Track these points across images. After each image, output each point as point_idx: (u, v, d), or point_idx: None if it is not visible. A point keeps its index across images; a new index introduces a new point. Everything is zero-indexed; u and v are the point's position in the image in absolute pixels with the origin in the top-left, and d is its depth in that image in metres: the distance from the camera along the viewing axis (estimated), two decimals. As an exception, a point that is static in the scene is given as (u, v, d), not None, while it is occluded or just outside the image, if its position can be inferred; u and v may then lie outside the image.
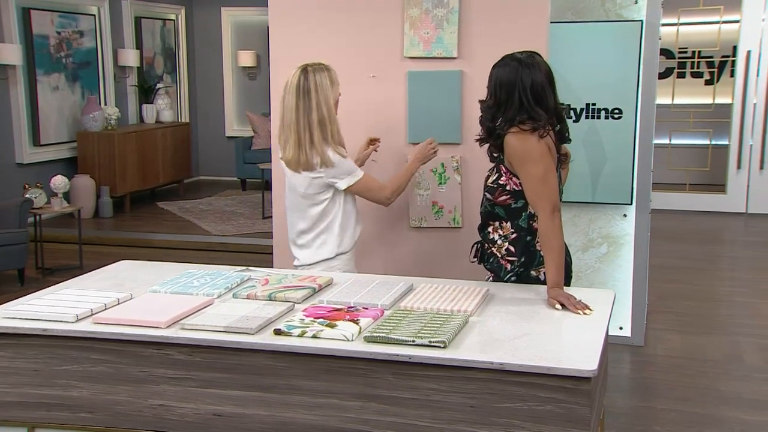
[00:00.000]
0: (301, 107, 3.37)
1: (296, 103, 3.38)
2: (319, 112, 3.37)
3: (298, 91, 3.37)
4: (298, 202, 3.53)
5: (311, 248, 3.54)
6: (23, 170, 8.82)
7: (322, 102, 3.38)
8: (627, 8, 4.94)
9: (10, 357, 2.72)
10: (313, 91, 3.37)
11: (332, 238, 3.52)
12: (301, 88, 3.37)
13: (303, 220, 3.53)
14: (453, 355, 2.39)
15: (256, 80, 11.82)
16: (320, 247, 3.53)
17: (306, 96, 3.37)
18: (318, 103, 3.37)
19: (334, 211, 3.51)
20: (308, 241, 3.55)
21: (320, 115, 3.37)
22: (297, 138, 3.39)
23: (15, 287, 6.55)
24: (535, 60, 3.15)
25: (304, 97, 3.37)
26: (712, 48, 9.62)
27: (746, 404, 4.36)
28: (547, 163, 3.06)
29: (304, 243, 3.56)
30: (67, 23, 9.50)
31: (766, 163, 9.46)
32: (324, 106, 3.38)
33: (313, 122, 3.37)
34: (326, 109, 3.39)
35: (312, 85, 3.37)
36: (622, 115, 4.95)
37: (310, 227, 3.53)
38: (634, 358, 5.03)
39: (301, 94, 3.37)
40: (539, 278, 3.18)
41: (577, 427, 2.32)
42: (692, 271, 7.12)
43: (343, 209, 3.53)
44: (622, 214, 5.10)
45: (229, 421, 2.60)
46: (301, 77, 3.38)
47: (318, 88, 3.37)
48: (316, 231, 3.52)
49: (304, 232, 3.54)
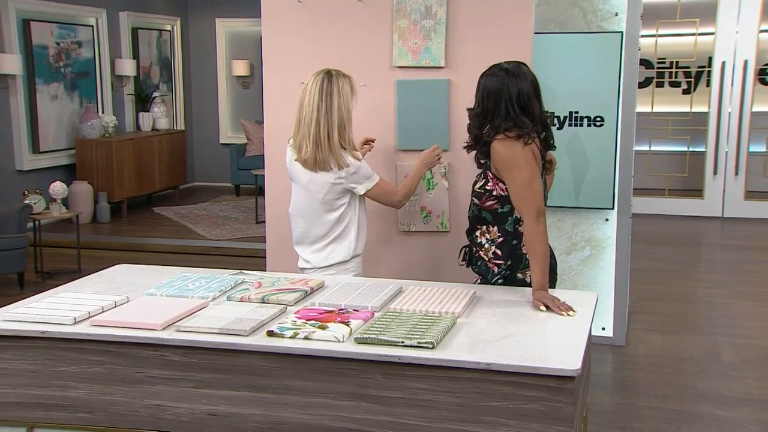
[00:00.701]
0: (323, 108, 3.34)
1: (318, 103, 3.34)
2: (339, 115, 3.35)
3: (321, 92, 3.34)
4: (315, 208, 3.47)
5: (325, 252, 3.50)
6: (23, 177, 8.78)
7: (343, 105, 3.36)
8: (608, 20, 4.95)
9: (9, 358, 2.70)
10: (336, 95, 3.35)
11: (348, 241, 3.50)
12: (325, 90, 3.34)
13: (320, 226, 3.48)
14: (441, 355, 2.39)
15: (249, 89, 11.81)
16: (335, 250, 3.49)
17: (329, 98, 3.34)
18: (339, 106, 3.35)
19: (350, 216, 3.49)
20: (324, 246, 3.50)
21: (340, 118, 3.35)
22: (316, 137, 3.35)
23: (15, 290, 6.51)
24: (522, 70, 3.14)
25: (327, 99, 3.34)
26: (689, 59, 9.66)
27: (722, 401, 4.37)
28: (532, 169, 3.06)
29: (320, 247, 3.51)
30: (66, 34, 9.46)
31: (740, 169, 9.51)
32: (344, 109, 3.37)
33: (333, 123, 3.34)
34: (346, 113, 3.37)
35: (335, 89, 3.35)
36: (604, 122, 4.96)
37: (327, 232, 3.48)
38: (616, 358, 5.04)
39: (323, 95, 3.34)
40: (525, 281, 3.18)
41: (562, 425, 2.32)
42: (671, 273, 7.14)
43: (359, 213, 3.52)
44: (604, 219, 5.11)
45: (224, 420, 2.58)
46: (325, 79, 3.36)
47: (340, 92, 3.35)
48: (332, 236, 3.48)
49: (321, 237, 3.49)
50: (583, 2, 4.97)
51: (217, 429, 2.59)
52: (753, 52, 9.33)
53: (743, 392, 4.49)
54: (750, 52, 9.33)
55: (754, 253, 7.96)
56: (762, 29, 9.30)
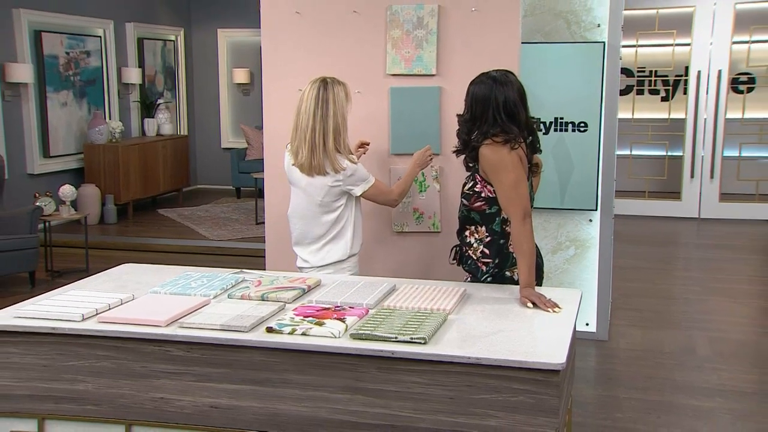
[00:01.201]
0: (318, 115, 3.32)
1: (314, 110, 3.32)
2: (335, 121, 3.33)
3: (318, 99, 3.33)
4: (313, 210, 3.45)
5: (323, 252, 3.48)
6: (34, 180, 8.76)
7: (338, 112, 3.34)
8: (591, 31, 4.96)
9: (21, 353, 2.69)
10: (331, 102, 3.33)
11: (344, 241, 3.48)
12: (321, 98, 3.33)
13: (317, 227, 3.46)
14: (433, 350, 2.38)
15: (249, 96, 11.79)
16: (332, 250, 3.48)
17: (324, 105, 3.33)
18: (335, 112, 3.34)
19: (347, 216, 3.47)
20: (321, 246, 3.48)
21: (335, 124, 3.34)
22: (312, 143, 3.33)
23: (26, 289, 6.50)
24: (509, 78, 3.14)
25: (323, 106, 3.32)
26: (667, 68, 9.68)
27: (698, 392, 4.38)
28: (518, 172, 3.05)
29: (317, 247, 3.49)
30: (75, 44, 9.43)
31: (715, 173, 9.53)
32: (339, 115, 3.35)
33: (329, 129, 3.32)
34: (341, 118, 3.36)
35: (331, 96, 3.33)
36: (588, 128, 4.96)
37: (324, 233, 3.47)
38: (599, 352, 5.04)
39: (320, 102, 3.32)
40: (513, 278, 3.17)
41: (547, 416, 2.31)
42: (651, 271, 7.14)
43: (355, 214, 3.51)
44: (587, 219, 5.11)
45: (225, 412, 2.57)
46: (321, 87, 3.35)
47: (335, 98, 3.34)
48: (330, 236, 3.47)
49: (319, 237, 3.48)
50: (567, 14, 4.97)
51: (219, 421, 2.58)
52: (726, 63, 9.37)
53: (717, 383, 4.51)
54: (723, 63, 9.37)
55: (728, 252, 7.98)
56: (734, 41, 9.34)
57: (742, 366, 4.80)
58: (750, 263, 7.69)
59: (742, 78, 9.69)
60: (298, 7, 4.09)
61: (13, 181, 8.30)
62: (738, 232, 8.85)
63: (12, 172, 8.34)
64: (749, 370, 4.75)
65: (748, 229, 8.99)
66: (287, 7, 4.10)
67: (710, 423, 4.00)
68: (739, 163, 9.51)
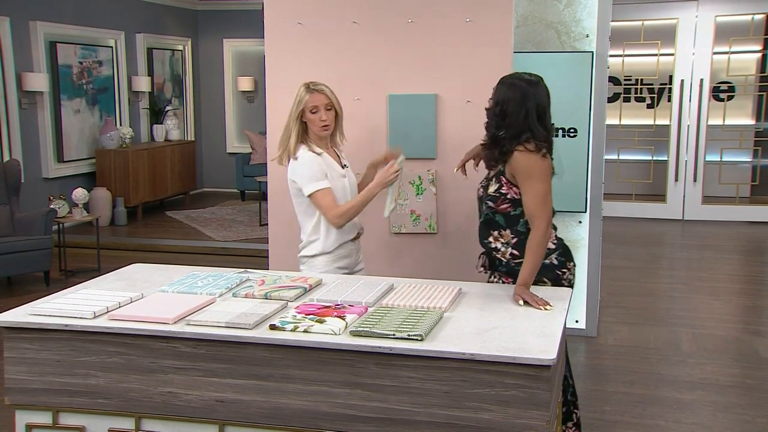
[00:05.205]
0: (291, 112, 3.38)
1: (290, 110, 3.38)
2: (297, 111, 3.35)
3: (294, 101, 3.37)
4: (294, 203, 3.46)
5: (303, 245, 3.47)
6: (48, 184, 8.75)
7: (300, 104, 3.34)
8: (579, 41, 4.95)
9: (36, 349, 2.68)
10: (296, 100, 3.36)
11: (318, 237, 3.41)
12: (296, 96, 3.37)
13: (299, 221, 3.47)
14: (429, 347, 2.37)
15: (254, 103, 11.78)
16: (308, 244, 3.44)
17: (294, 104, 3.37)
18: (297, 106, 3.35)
19: (315, 214, 3.39)
20: (304, 239, 3.46)
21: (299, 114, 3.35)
22: (282, 136, 3.40)
23: (41, 287, 6.49)
24: (541, 83, 3.09)
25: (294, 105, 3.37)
26: (652, 76, 9.69)
27: (682, 385, 4.39)
28: (549, 183, 2.98)
29: (302, 239, 3.48)
30: (88, 54, 9.43)
31: (698, 177, 9.54)
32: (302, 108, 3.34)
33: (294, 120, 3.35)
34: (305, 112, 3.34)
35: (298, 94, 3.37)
36: (577, 133, 4.96)
37: (303, 227, 3.46)
38: (588, 347, 5.03)
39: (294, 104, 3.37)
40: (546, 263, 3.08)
41: (539, 409, 2.30)
42: (638, 271, 7.14)
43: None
44: (577, 221, 5.10)
45: (230, 406, 2.56)
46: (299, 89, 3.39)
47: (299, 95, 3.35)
48: (306, 231, 3.44)
49: (302, 231, 3.47)
50: (557, 25, 4.97)
51: (224, 414, 2.57)
52: (708, 72, 9.39)
53: (700, 377, 4.51)
54: (705, 72, 9.39)
55: (710, 252, 7.99)
56: (715, 51, 9.36)
57: (723, 360, 4.80)
58: (731, 262, 7.70)
59: (723, 87, 9.74)
60: (300, 18, 4.08)
61: (28, 185, 8.30)
62: (720, 233, 8.85)
63: (28, 176, 8.33)
64: (730, 364, 4.75)
65: (729, 230, 9.00)
66: (290, 18, 4.09)
67: (693, 414, 4.00)
68: (720, 168, 9.51)
